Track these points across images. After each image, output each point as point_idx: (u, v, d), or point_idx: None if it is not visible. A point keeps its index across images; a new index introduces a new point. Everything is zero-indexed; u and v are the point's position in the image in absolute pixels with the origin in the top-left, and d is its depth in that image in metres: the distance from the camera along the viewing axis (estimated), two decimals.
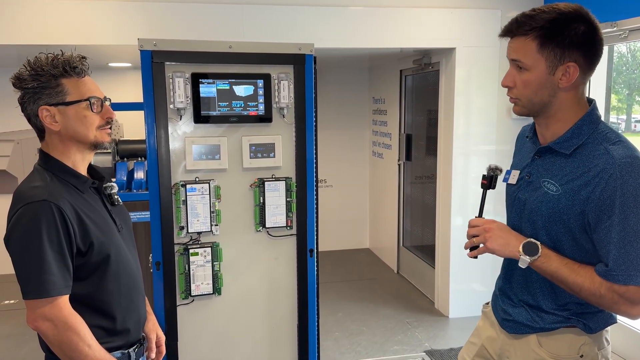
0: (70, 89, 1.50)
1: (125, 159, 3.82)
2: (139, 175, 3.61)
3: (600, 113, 1.44)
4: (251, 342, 2.38)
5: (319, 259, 2.43)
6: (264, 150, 2.26)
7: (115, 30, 3.46)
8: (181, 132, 2.19)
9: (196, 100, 2.16)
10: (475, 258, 1.54)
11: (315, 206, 2.36)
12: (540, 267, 1.40)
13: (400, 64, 5.10)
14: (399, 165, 5.27)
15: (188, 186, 2.20)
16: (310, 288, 2.38)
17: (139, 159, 3.80)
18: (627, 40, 3.43)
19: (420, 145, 4.98)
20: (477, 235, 1.48)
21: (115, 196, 1.66)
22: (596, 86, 3.80)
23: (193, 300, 2.28)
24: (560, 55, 1.35)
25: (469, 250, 1.53)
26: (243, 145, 2.24)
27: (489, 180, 1.61)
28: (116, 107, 1.71)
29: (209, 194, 2.22)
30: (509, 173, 1.59)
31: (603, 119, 1.45)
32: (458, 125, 4.09)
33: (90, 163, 1.64)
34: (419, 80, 4.99)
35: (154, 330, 1.76)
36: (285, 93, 2.24)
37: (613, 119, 4.33)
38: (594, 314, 1.45)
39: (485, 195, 1.62)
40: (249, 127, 2.25)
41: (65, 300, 1.42)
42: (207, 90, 2.17)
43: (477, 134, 4.14)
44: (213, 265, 2.25)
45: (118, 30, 3.46)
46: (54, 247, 1.40)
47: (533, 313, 1.50)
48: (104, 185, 1.63)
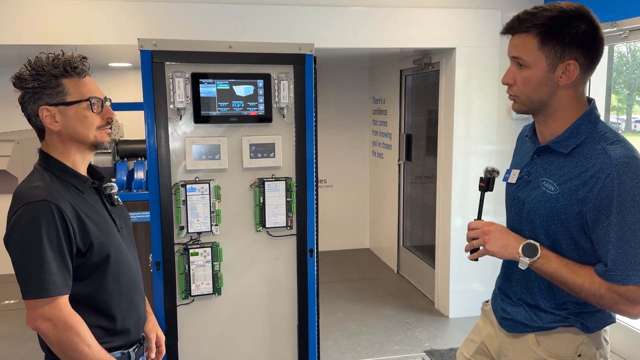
0: (70, 89, 1.50)
1: (125, 159, 3.82)
2: (139, 175, 3.61)
3: (599, 113, 1.44)
4: (251, 342, 2.38)
5: (319, 259, 2.43)
6: (264, 150, 2.26)
7: (115, 30, 3.47)
8: (181, 132, 2.19)
9: (196, 100, 2.16)
10: (476, 261, 1.54)
11: (315, 206, 2.36)
12: (540, 269, 1.40)
13: (400, 64, 5.10)
14: (399, 165, 5.27)
15: (188, 186, 2.20)
16: (310, 288, 2.38)
17: (139, 159, 3.80)
18: (627, 40, 3.43)
19: (421, 145, 4.98)
20: (477, 238, 1.48)
21: (115, 196, 1.66)
22: (596, 86, 3.81)
23: (193, 300, 2.28)
24: (561, 53, 1.35)
25: (469, 253, 1.53)
26: (243, 145, 2.24)
27: (487, 183, 1.61)
28: (116, 107, 1.71)
29: (209, 194, 2.22)
30: (509, 172, 1.59)
31: (603, 119, 1.45)
32: (458, 125, 4.09)
33: (90, 163, 1.64)
34: (419, 80, 4.99)
35: (154, 330, 1.76)
36: (285, 93, 2.24)
37: (613, 119, 4.33)
38: (592, 314, 1.45)
39: (483, 198, 1.62)
40: (249, 127, 2.25)
41: (65, 300, 1.42)
42: (207, 90, 2.17)
43: (477, 134, 4.14)
44: (213, 265, 2.25)
45: (118, 30, 3.47)
46: (54, 247, 1.40)
47: (531, 312, 1.50)
48: (103, 185, 1.63)
